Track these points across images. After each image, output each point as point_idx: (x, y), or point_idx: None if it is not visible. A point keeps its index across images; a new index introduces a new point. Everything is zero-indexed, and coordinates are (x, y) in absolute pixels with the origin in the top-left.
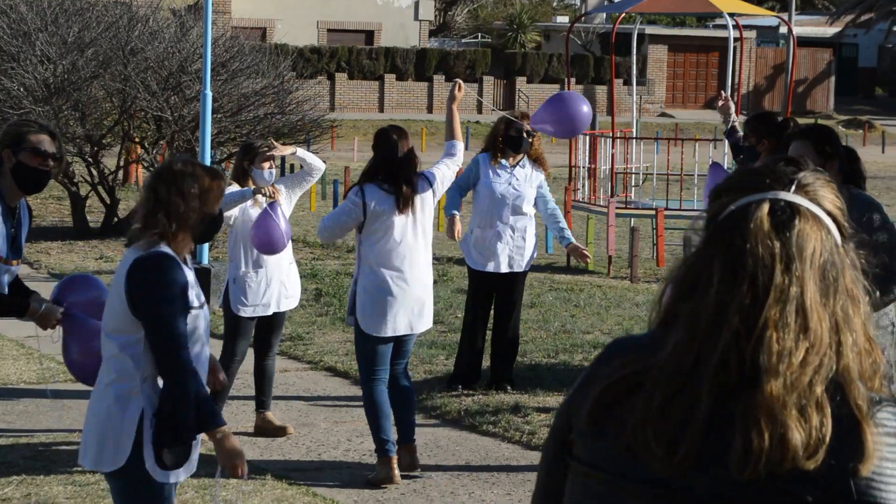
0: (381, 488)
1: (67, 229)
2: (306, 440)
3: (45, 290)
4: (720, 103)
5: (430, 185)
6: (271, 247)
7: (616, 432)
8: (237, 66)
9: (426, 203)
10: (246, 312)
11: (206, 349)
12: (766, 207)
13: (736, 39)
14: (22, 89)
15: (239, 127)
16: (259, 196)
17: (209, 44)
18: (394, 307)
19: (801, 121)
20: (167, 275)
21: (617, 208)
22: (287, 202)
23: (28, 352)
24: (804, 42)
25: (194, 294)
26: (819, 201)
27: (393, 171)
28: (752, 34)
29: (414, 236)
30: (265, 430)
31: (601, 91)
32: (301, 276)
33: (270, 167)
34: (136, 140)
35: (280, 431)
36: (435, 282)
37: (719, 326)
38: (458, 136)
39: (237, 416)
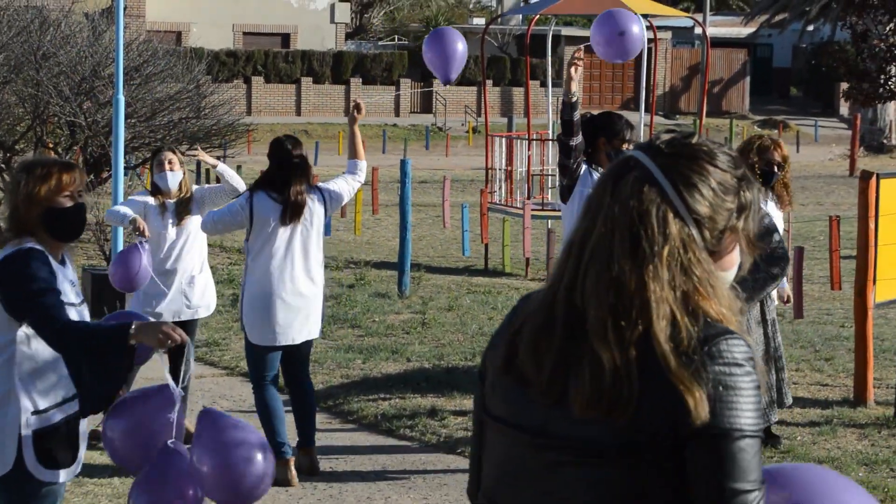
0: (291, 494)
1: None
2: None
3: None
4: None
5: (324, 198)
6: (128, 284)
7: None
8: (151, 70)
9: (315, 216)
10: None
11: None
12: (620, 160)
13: (651, 41)
14: None
15: (153, 132)
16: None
17: (121, 48)
18: (276, 318)
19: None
20: (32, 265)
21: (533, 210)
22: (198, 212)
23: None
24: (719, 43)
25: (73, 292)
26: (672, 172)
27: (284, 181)
28: (668, 35)
29: (301, 248)
30: None
31: (518, 93)
32: (218, 282)
33: (170, 169)
34: (50, 146)
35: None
36: (352, 286)
37: (568, 252)
38: (360, 155)
39: None
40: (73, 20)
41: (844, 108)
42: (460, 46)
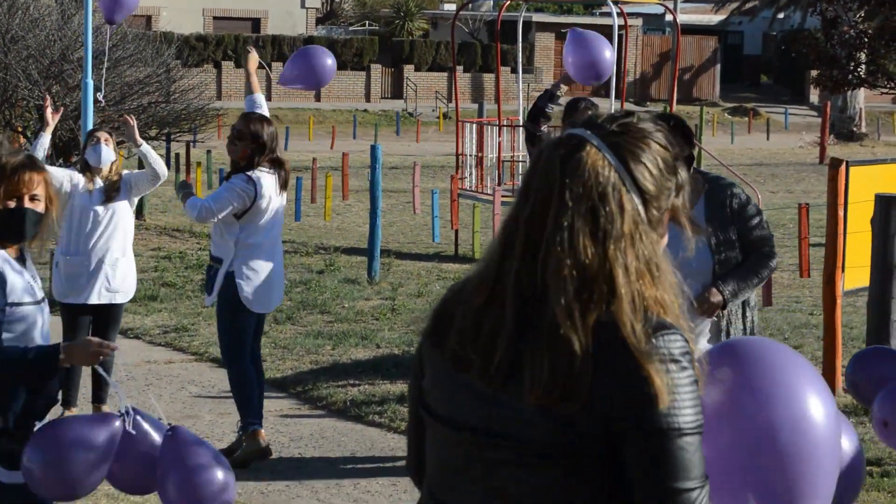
0: (259, 480)
1: None
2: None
3: None
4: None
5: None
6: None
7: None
8: (120, 54)
9: None
10: (67, 300)
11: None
12: (562, 140)
13: (621, 27)
14: None
15: (122, 116)
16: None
17: (90, 31)
18: (277, 285)
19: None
20: None
21: (503, 196)
22: (125, 197)
23: None
24: (689, 30)
25: (34, 288)
26: (619, 151)
27: (276, 154)
28: (639, 22)
29: (281, 214)
30: None
31: (489, 79)
32: (188, 267)
33: (103, 142)
34: (19, 130)
35: None
36: (321, 272)
37: (513, 240)
38: (256, 89)
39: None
40: (42, 3)
41: (814, 96)
42: (329, 62)
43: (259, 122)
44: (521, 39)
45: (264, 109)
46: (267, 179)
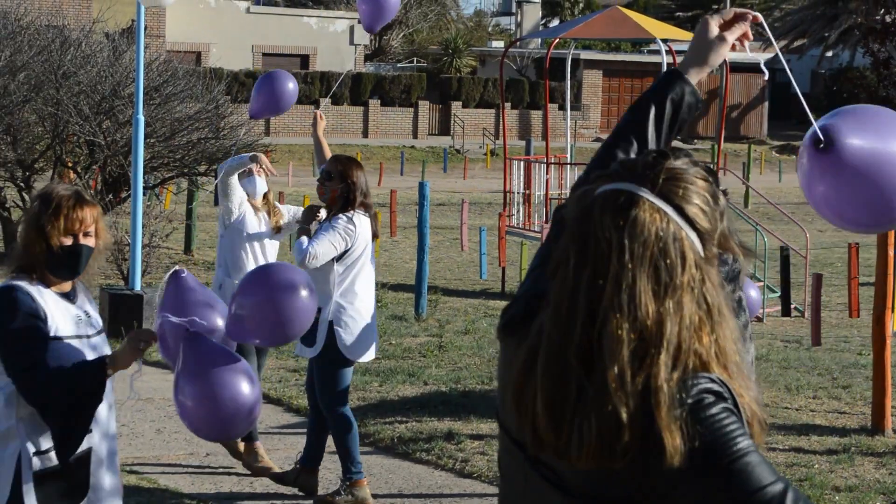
0: None
1: (0, 255)
2: (239, 469)
3: None
4: None
5: None
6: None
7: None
8: (171, 90)
9: None
10: None
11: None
12: (609, 197)
13: (669, 64)
14: None
15: (172, 152)
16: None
17: (141, 67)
18: (374, 330)
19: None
20: (10, 307)
21: None
22: (282, 237)
23: None
24: (738, 68)
25: (85, 323)
26: (668, 196)
27: (367, 197)
28: None
29: (373, 261)
30: (230, 450)
31: (536, 116)
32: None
33: (256, 173)
34: (69, 165)
35: (265, 471)
36: None
37: (574, 309)
38: (328, 155)
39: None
40: (94, 40)
41: None
42: (290, 86)
43: (348, 164)
44: (569, 76)
45: None
46: (364, 222)
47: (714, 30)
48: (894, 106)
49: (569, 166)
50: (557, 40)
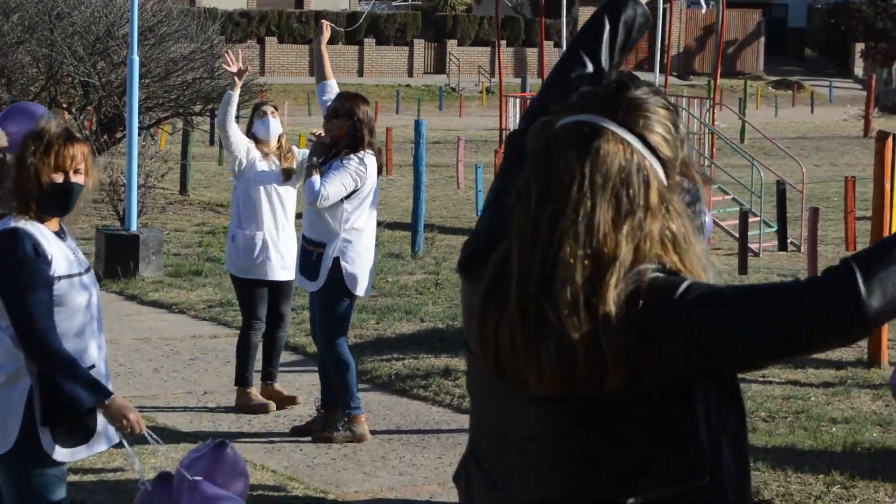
0: (306, 453)
1: None
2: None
3: None
4: None
5: None
6: None
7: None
8: (165, 30)
9: None
10: (239, 274)
11: (92, 321)
12: (571, 129)
13: (666, 1)
14: None
15: (167, 92)
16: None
17: (136, 8)
18: (372, 267)
19: (731, 82)
20: (12, 251)
21: None
22: (296, 181)
23: None
24: (734, 3)
25: (75, 261)
26: (631, 125)
27: (373, 135)
28: None
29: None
30: (272, 400)
31: (532, 53)
32: (205, 245)
33: (265, 115)
34: (64, 106)
35: (289, 401)
36: None
37: (535, 239)
38: (329, 75)
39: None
40: None
41: (859, 69)
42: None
43: (355, 100)
44: (565, 13)
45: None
46: (373, 162)
47: None
48: (890, 39)
49: None
50: None
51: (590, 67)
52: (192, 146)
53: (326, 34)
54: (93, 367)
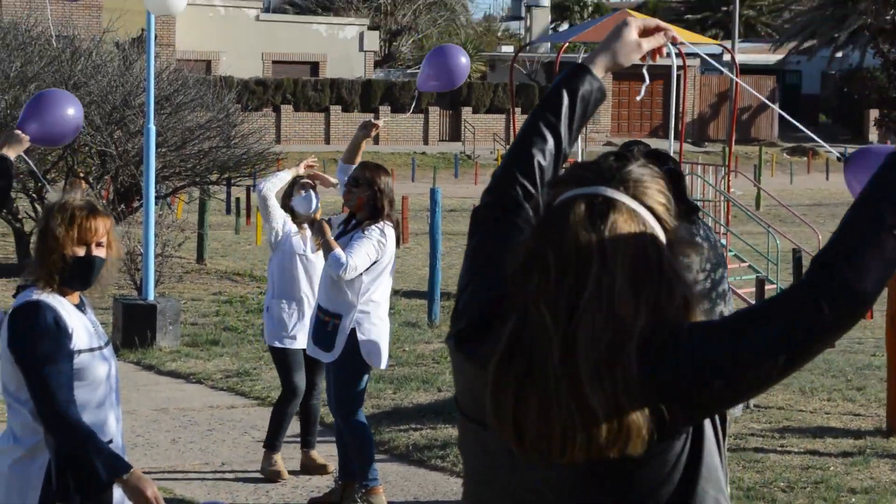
0: None
1: (11, 266)
2: (254, 478)
3: None
4: None
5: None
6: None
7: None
8: (181, 99)
9: None
10: (276, 344)
11: (111, 393)
12: (584, 202)
13: (679, 67)
14: None
15: (184, 161)
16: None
17: (152, 77)
18: (388, 338)
19: (746, 148)
20: (34, 324)
21: None
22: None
23: None
24: (748, 69)
25: (95, 335)
26: (640, 196)
27: (393, 206)
28: (696, 62)
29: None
30: (309, 467)
31: None
32: (249, 311)
33: (306, 189)
34: (81, 175)
35: (322, 469)
36: None
37: (556, 313)
38: (356, 162)
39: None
40: (104, 49)
41: (874, 135)
42: (463, 60)
43: (377, 170)
44: None
45: None
46: (392, 234)
47: (633, 34)
48: None
49: None
50: (567, 44)
51: (550, 141)
52: (209, 215)
53: (374, 133)
54: (111, 441)
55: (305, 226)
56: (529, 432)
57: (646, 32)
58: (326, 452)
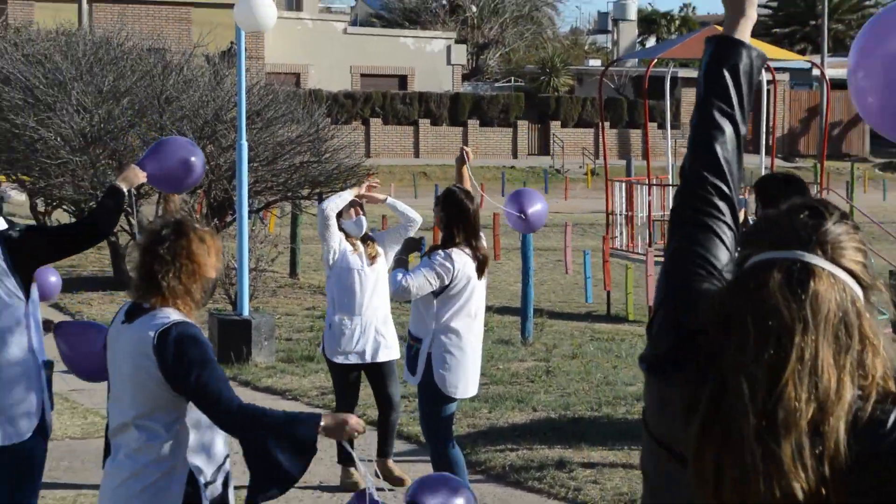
0: None
1: (108, 279)
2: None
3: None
4: None
5: None
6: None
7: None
8: (272, 114)
9: None
10: (338, 359)
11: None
12: (782, 269)
13: (769, 82)
14: (59, 139)
15: (275, 176)
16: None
17: (243, 92)
18: (473, 369)
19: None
20: (193, 336)
21: (656, 257)
22: (383, 257)
23: (73, 405)
24: (838, 84)
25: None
26: (838, 259)
27: (475, 236)
28: (786, 77)
29: (483, 299)
30: (384, 476)
31: (635, 135)
32: (298, 330)
33: (357, 214)
34: None
35: (398, 482)
36: None
37: (753, 379)
38: (466, 183)
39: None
40: (195, 64)
41: None
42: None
43: (454, 195)
44: (668, 95)
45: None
46: (464, 259)
47: None
48: None
49: (670, 187)
50: (656, 60)
51: (728, 129)
52: (301, 229)
53: (469, 159)
54: (227, 455)
55: (358, 241)
56: (729, 493)
57: None
58: (424, 472)
